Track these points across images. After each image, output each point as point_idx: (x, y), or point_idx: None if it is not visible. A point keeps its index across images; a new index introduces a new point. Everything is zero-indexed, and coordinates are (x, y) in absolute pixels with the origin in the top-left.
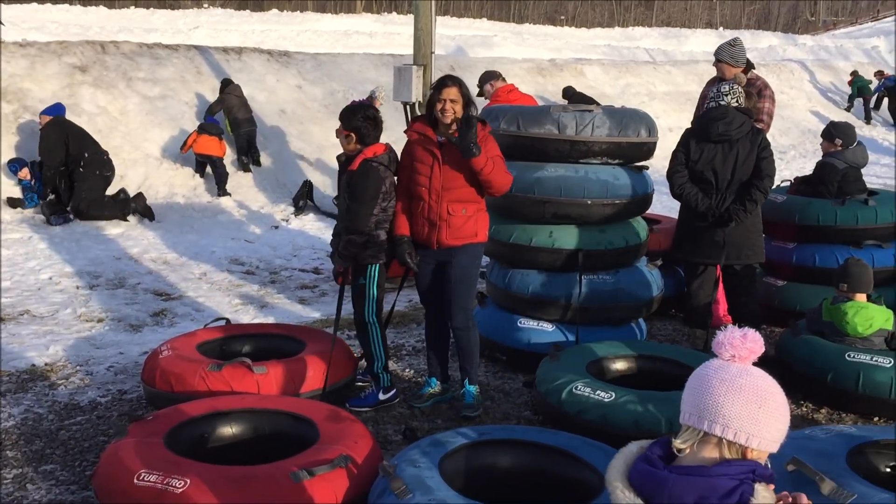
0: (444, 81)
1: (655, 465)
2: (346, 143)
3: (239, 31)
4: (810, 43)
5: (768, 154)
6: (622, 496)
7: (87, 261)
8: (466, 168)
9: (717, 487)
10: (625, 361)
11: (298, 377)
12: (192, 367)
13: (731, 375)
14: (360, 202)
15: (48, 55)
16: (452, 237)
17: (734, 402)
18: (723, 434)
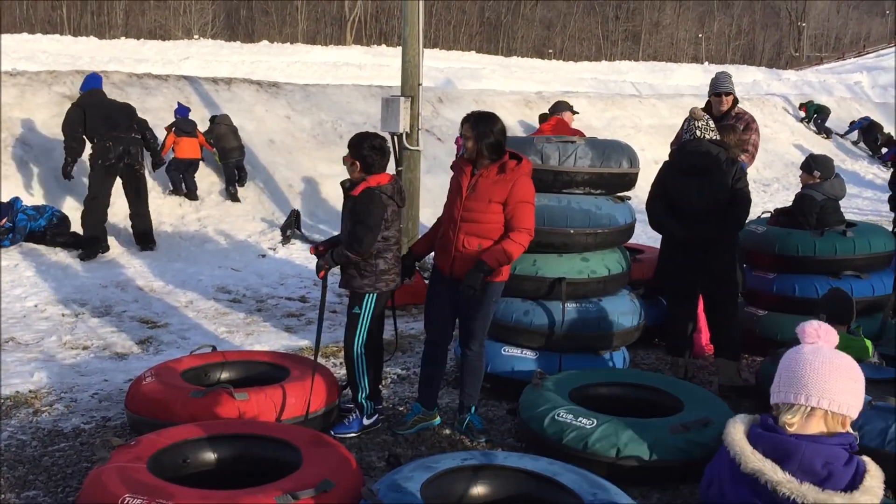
0: (464, 117)
1: (780, 434)
2: (351, 171)
3: (229, 62)
4: (794, 78)
5: (744, 184)
6: (754, 459)
7: (73, 288)
8: (488, 203)
9: (839, 456)
10: (607, 389)
11: (280, 404)
12: (174, 393)
13: (827, 358)
14: (365, 226)
15: (38, 84)
16: (466, 270)
17: (836, 380)
18: (829, 407)
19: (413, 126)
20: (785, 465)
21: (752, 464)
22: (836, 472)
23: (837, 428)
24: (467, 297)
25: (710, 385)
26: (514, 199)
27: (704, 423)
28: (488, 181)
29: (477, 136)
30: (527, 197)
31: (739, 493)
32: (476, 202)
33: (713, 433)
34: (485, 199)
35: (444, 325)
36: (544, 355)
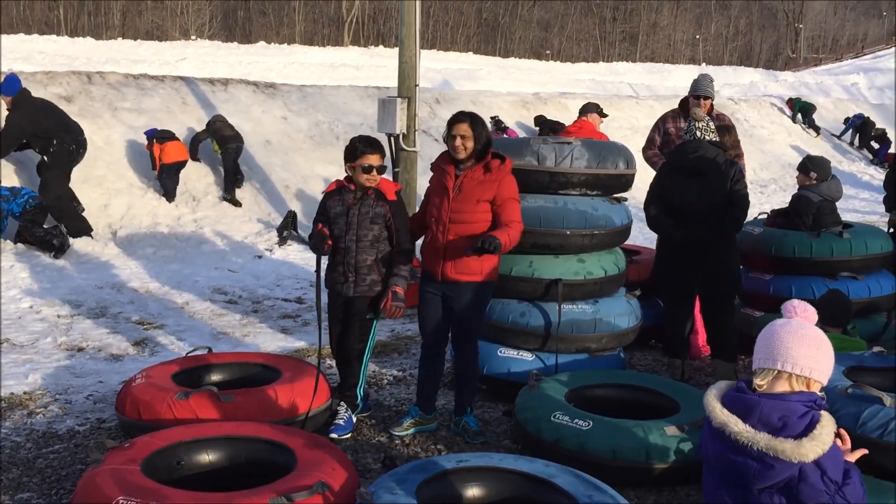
0: (457, 118)
1: (746, 394)
2: (377, 174)
3: (226, 62)
4: (791, 79)
5: (742, 186)
6: (721, 414)
7: (68, 289)
8: (476, 203)
9: (796, 410)
10: (603, 390)
11: (267, 406)
12: (160, 395)
13: (794, 328)
14: (408, 228)
15: (34, 85)
16: (457, 271)
17: (799, 347)
18: (792, 370)
19: (410, 127)
20: (747, 419)
21: (719, 418)
22: (791, 423)
23: (801, 388)
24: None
25: (707, 386)
26: (501, 197)
27: (700, 425)
28: (474, 181)
29: (476, 137)
30: (514, 194)
31: (714, 445)
32: (463, 203)
33: None
34: (472, 200)
35: (438, 328)
36: (541, 357)
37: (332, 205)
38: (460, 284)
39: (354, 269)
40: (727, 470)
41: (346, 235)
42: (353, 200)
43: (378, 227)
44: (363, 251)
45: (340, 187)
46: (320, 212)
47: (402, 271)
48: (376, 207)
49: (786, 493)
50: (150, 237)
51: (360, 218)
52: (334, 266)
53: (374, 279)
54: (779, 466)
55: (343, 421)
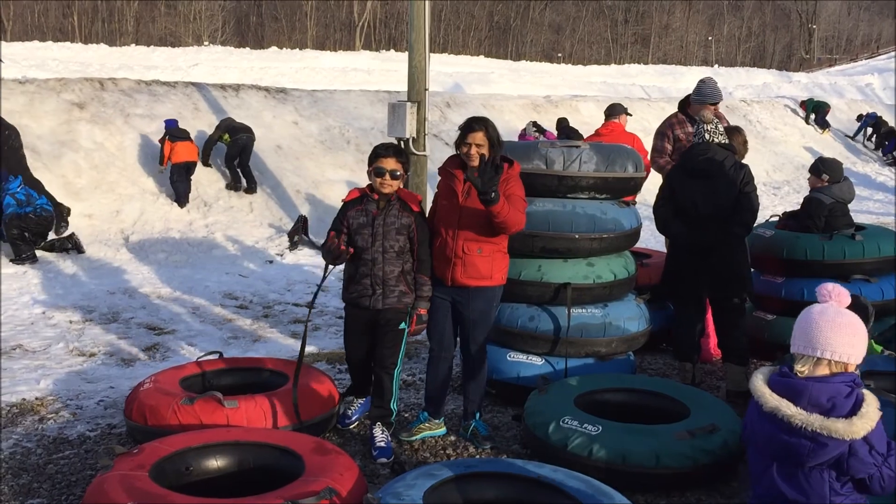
0: (470, 125)
1: (792, 378)
2: (396, 181)
3: (238, 68)
4: (805, 80)
5: (751, 189)
6: (772, 399)
7: (81, 295)
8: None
9: (841, 391)
10: (612, 395)
11: (271, 412)
12: (166, 400)
13: (831, 316)
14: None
15: (47, 92)
16: (467, 276)
17: (837, 335)
18: (831, 357)
19: (420, 131)
20: (797, 401)
21: (771, 402)
22: (839, 403)
23: (839, 371)
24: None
25: (718, 390)
26: (506, 194)
27: (710, 430)
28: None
29: (491, 144)
30: (520, 192)
31: (765, 429)
32: (474, 207)
33: (719, 440)
34: (480, 205)
35: (446, 333)
36: (550, 361)
37: (354, 215)
38: (470, 289)
39: (382, 281)
40: (779, 450)
41: (372, 246)
42: (377, 210)
43: (403, 238)
44: (390, 262)
45: (363, 196)
46: (339, 220)
47: (425, 291)
48: (402, 218)
49: (836, 468)
50: (161, 242)
51: (387, 228)
52: (359, 279)
53: (403, 290)
54: (831, 445)
55: (384, 443)
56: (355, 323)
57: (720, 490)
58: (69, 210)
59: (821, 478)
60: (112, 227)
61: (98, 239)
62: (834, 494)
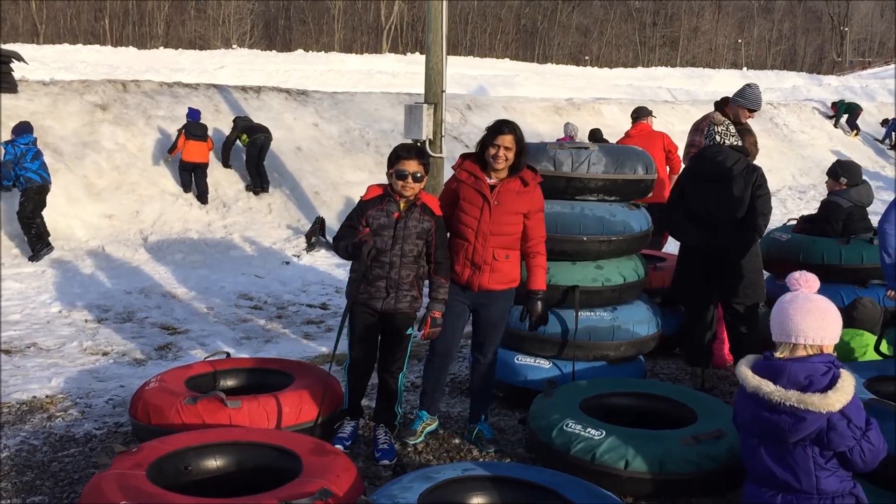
0: (500, 128)
1: (773, 361)
2: (418, 184)
3: (263, 70)
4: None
5: (763, 192)
6: (753, 379)
7: (98, 294)
8: (515, 215)
9: (818, 369)
10: (619, 399)
11: (273, 413)
12: (170, 399)
13: (801, 303)
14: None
15: (70, 93)
16: (495, 281)
17: (807, 321)
18: (804, 342)
19: (436, 133)
20: (777, 381)
21: (752, 382)
22: (816, 380)
23: (816, 353)
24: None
25: (731, 396)
26: (534, 210)
27: (717, 436)
28: (512, 193)
29: (519, 148)
30: (542, 206)
31: (749, 409)
32: (503, 215)
33: (725, 446)
34: (511, 212)
35: (457, 338)
36: (558, 364)
37: (374, 214)
38: (494, 293)
39: (396, 284)
40: (763, 429)
41: (392, 250)
42: (398, 213)
43: (422, 244)
44: (406, 267)
45: (384, 195)
46: (356, 218)
47: (441, 294)
48: (423, 222)
49: (818, 443)
50: (179, 243)
51: (407, 232)
52: (372, 280)
53: (414, 296)
54: (810, 418)
55: (387, 445)
56: (363, 323)
57: (727, 497)
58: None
59: (805, 454)
60: (132, 227)
61: (117, 239)
62: (818, 469)
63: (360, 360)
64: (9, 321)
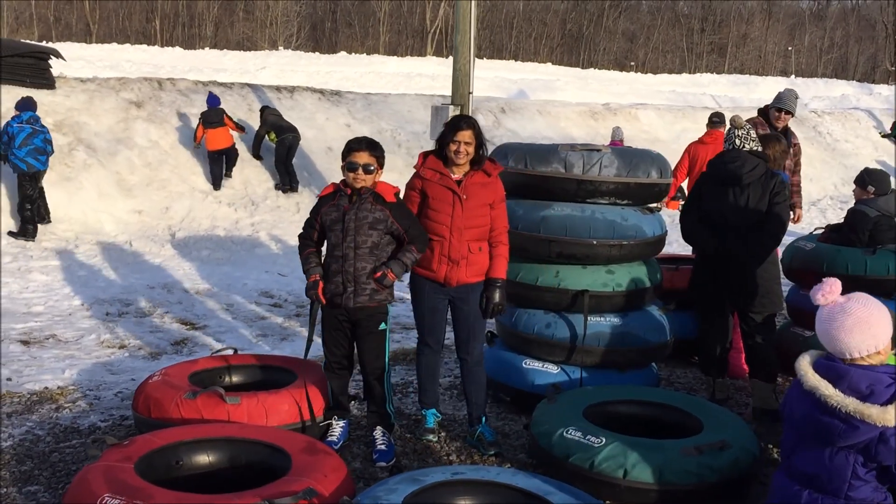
0: (458, 124)
1: (837, 362)
2: (373, 176)
3: (305, 72)
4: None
5: (782, 199)
6: (813, 378)
7: (121, 288)
8: (483, 207)
9: (882, 380)
10: (625, 407)
11: (272, 409)
12: (170, 393)
13: (839, 320)
14: (418, 224)
15: (106, 90)
16: (472, 274)
17: (852, 336)
18: (859, 355)
19: None
20: (837, 384)
21: (811, 381)
22: (878, 391)
23: (878, 359)
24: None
25: (747, 408)
26: (497, 200)
27: (720, 447)
28: (477, 185)
29: (479, 143)
30: (504, 196)
31: (803, 407)
32: (474, 208)
33: (729, 457)
34: (481, 204)
35: (442, 325)
36: (566, 370)
37: (327, 211)
38: (471, 286)
39: (353, 278)
40: (813, 428)
41: (344, 242)
42: (348, 205)
43: (377, 234)
44: (361, 258)
45: (336, 191)
46: (313, 216)
47: (405, 257)
48: (375, 212)
49: (863, 453)
50: (206, 239)
51: (358, 223)
52: (330, 277)
53: (375, 288)
54: (863, 428)
55: (385, 445)
56: (330, 321)
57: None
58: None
59: (846, 460)
60: (160, 223)
61: (145, 234)
62: (854, 478)
63: (332, 359)
64: (31, 312)
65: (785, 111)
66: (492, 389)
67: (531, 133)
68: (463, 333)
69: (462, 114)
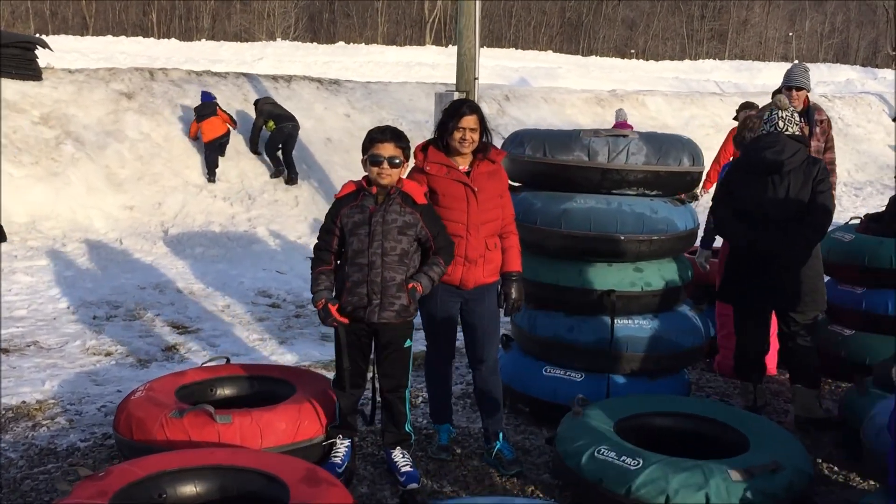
0: (461, 109)
1: None
2: (395, 170)
3: (303, 62)
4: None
5: (826, 188)
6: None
7: (110, 289)
8: (496, 198)
9: None
10: (660, 420)
11: (268, 429)
12: (154, 412)
13: None
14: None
15: (96, 81)
16: (489, 274)
17: None
18: None
19: None
20: None
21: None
22: None
23: None
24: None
25: (786, 415)
26: (505, 188)
27: (773, 469)
28: (484, 175)
29: (483, 129)
30: (505, 186)
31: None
32: (487, 200)
33: (783, 481)
34: (493, 195)
35: (451, 335)
36: (590, 378)
37: (348, 213)
38: (486, 286)
39: (381, 289)
40: None
41: (370, 249)
42: (374, 206)
43: (407, 240)
44: (390, 267)
45: (359, 190)
46: (331, 219)
47: (435, 271)
48: (405, 215)
49: None
50: (200, 236)
51: (386, 227)
52: (353, 288)
53: (405, 303)
54: None
55: (410, 467)
56: (350, 338)
57: None
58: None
59: None
60: (152, 219)
61: (137, 231)
62: None
63: (348, 381)
64: (13, 317)
65: (796, 88)
66: (508, 399)
67: (536, 121)
68: (477, 337)
69: (462, 99)
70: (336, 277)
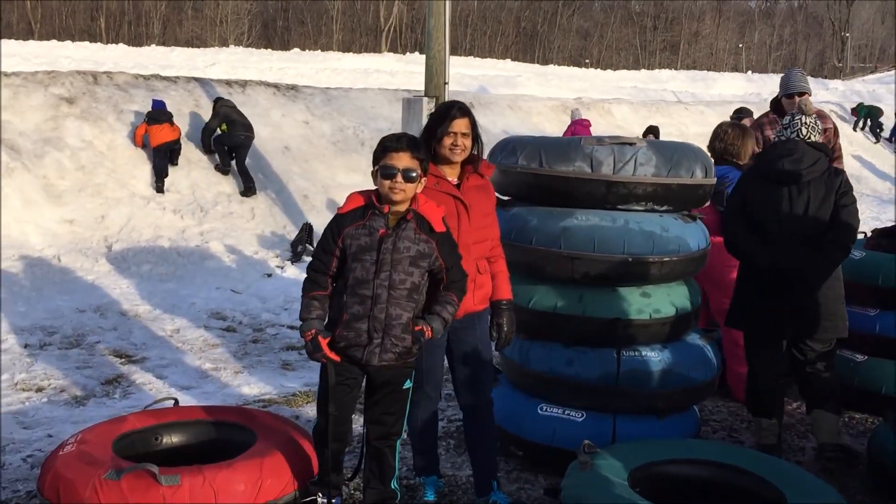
0: (451, 112)
1: None
2: (410, 185)
3: (257, 68)
4: (841, 87)
5: (850, 201)
6: None
7: (45, 313)
8: (487, 216)
9: None
10: (679, 468)
11: (223, 490)
12: (86, 472)
13: None
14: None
15: (34, 85)
16: (479, 300)
17: None
18: None
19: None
20: None
21: None
22: None
23: None
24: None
25: (803, 453)
26: (493, 206)
27: None
28: (474, 189)
29: (475, 134)
30: (492, 206)
31: None
32: (479, 217)
33: None
34: (484, 212)
35: (440, 369)
36: (593, 417)
37: (353, 233)
38: (477, 314)
39: (384, 326)
40: None
41: (376, 279)
42: (385, 230)
43: (419, 273)
44: (397, 303)
45: (367, 206)
46: (330, 238)
47: (449, 311)
48: (419, 243)
49: None
50: (147, 252)
51: (397, 256)
52: (351, 322)
53: (408, 346)
54: None
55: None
56: (339, 378)
57: None
58: None
59: None
60: (95, 234)
61: (77, 248)
62: None
63: (334, 426)
64: None
65: (798, 93)
66: (500, 441)
67: (503, 129)
68: (471, 370)
69: (452, 100)
70: (331, 305)
